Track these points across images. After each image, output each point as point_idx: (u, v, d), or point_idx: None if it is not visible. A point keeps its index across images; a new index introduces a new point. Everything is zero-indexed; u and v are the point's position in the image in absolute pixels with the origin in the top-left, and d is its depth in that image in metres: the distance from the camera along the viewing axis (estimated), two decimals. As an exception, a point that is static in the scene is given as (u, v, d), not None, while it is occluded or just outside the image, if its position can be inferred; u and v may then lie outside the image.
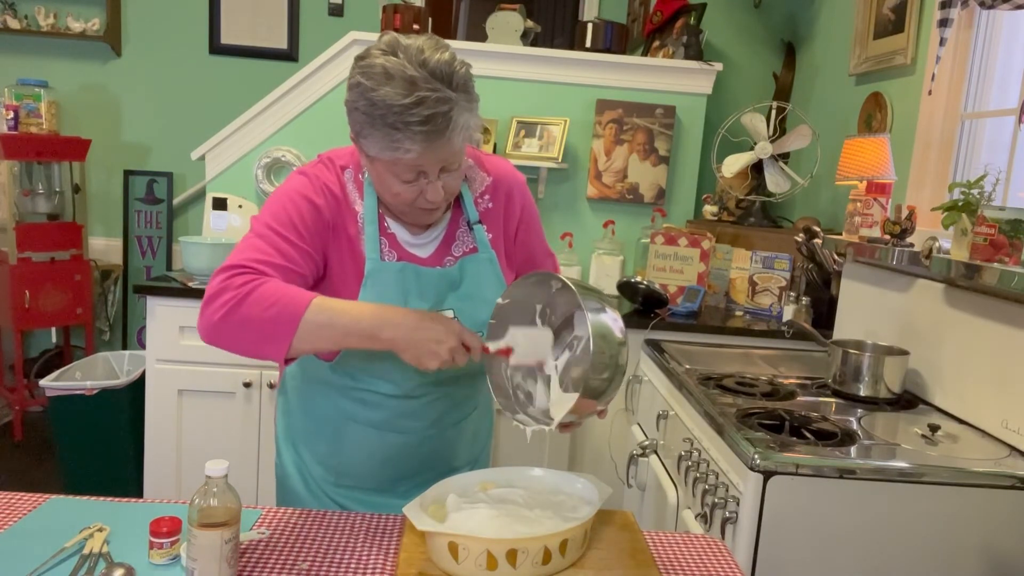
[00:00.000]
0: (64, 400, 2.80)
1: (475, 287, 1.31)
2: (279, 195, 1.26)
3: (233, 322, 1.12)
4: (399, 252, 1.30)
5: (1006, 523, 1.43)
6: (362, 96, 1.13)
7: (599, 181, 3.16)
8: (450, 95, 1.13)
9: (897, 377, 1.85)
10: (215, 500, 0.97)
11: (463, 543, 1.04)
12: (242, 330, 1.13)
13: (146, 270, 4.11)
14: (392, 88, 1.11)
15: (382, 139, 1.14)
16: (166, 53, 4.04)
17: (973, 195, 1.65)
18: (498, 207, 1.37)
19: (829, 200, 2.95)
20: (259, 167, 3.06)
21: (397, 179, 1.18)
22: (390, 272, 1.27)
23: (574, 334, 1.27)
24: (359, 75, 1.14)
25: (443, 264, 1.32)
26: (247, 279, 1.14)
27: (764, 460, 1.41)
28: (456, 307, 1.31)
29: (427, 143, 1.13)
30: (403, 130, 1.12)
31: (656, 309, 2.67)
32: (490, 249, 1.35)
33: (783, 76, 3.44)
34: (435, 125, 1.12)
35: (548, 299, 1.27)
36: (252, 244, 1.21)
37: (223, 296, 1.13)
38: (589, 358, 1.13)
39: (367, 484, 1.41)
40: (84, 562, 1.05)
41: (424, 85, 1.11)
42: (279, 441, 1.49)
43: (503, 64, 3.05)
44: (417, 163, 1.16)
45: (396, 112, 1.11)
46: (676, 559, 1.18)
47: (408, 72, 1.11)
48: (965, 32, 2.22)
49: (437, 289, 1.30)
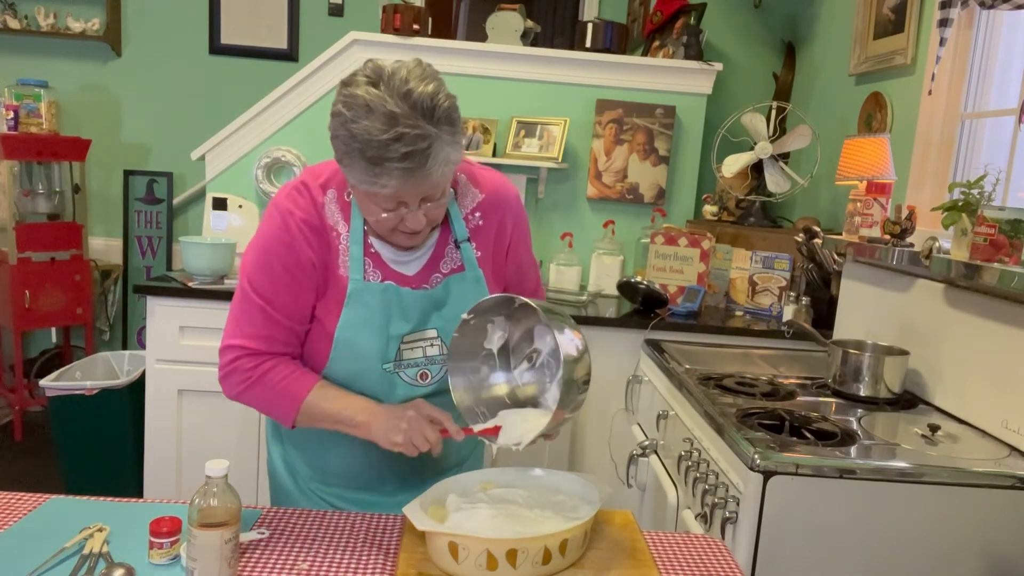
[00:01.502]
0: (64, 400, 2.80)
1: (460, 306, 1.29)
2: (257, 244, 1.29)
3: (249, 398, 1.30)
4: (383, 271, 1.29)
5: (1006, 523, 1.43)
6: (342, 126, 1.12)
7: (599, 181, 3.16)
8: (430, 131, 1.11)
9: (897, 377, 1.85)
10: (215, 500, 0.97)
11: (463, 543, 1.04)
12: (256, 404, 1.31)
13: (146, 270, 4.11)
14: (371, 122, 1.09)
15: (361, 171, 1.13)
16: (166, 53, 4.04)
17: (973, 195, 1.65)
18: (490, 224, 1.36)
19: (829, 200, 2.95)
20: (259, 167, 3.06)
21: (378, 207, 1.18)
22: (373, 293, 1.27)
23: (533, 347, 1.30)
24: (341, 104, 1.13)
25: (429, 282, 1.32)
26: (252, 364, 1.27)
27: (764, 460, 1.40)
28: (439, 327, 1.32)
29: (405, 178, 1.12)
30: (381, 164, 1.10)
31: (656, 309, 2.67)
32: (477, 268, 1.34)
33: (783, 76, 3.44)
34: (413, 161, 1.11)
35: (509, 313, 1.29)
36: (244, 313, 1.28)
37: (235, 377, 1.28)
38: (558, 378, 1.17)
39: (354, 484, 1.42)
40: (84, 562, 1.05)
41: (404, 121, 1.09)
42: (268, 438, 1.53)
43: (503, 64, 3.05)
44: (396, 196, 1.15)
45: (375, 147, 1.09)
46: (676, 559, 1.18)
47: (388, 107, 1.09)
48: (965, 32, 2.22)
49: (421, 309, 1.30)
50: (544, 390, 1.28)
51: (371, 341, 1.27)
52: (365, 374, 1.29)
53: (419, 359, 1.32)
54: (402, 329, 1.29)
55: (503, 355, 1.32)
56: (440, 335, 1.32)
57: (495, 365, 1.32)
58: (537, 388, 1.30)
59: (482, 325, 1.28)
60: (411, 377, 1.31)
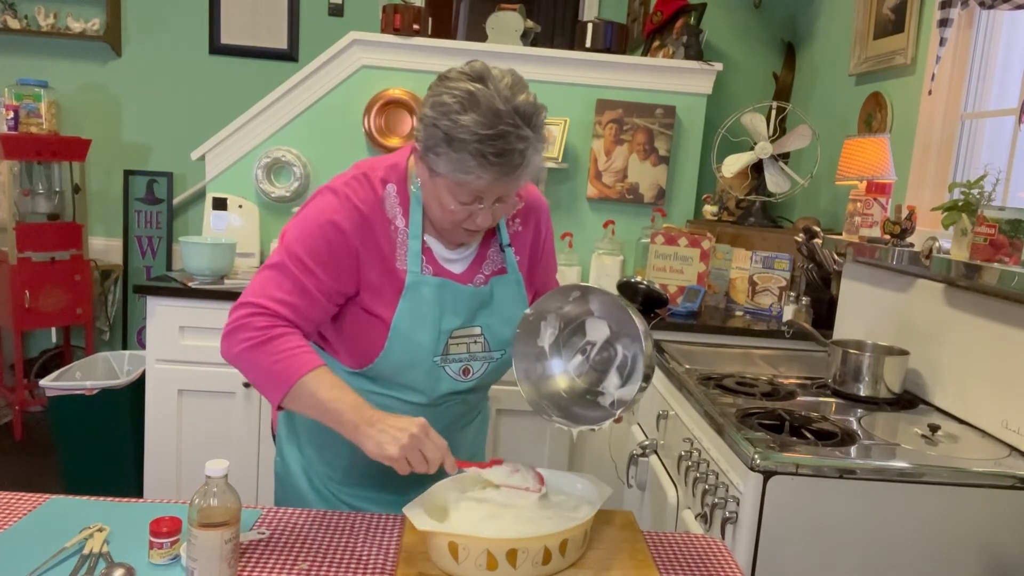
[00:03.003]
0: (64, 400, 2.80)
1: (502, 306, 1.37)
2: (306, 218, 1.28)
3: (247, 359, 1.22)
4: (435, 267, 1.33)
5: (1006, 523, 1.43)
6: (445, 116, 1.16)
7: (599, 181, 3.16)
8: (529, 135, 1.17)
9: (897, 377, 1.85)
10: (215, 500, 0.97)
11: (463, 543, 1.04)
12: (251, 368, 1.23)
13: (146, 270, 4.11)
14: (477, 115, 1.14)
15: (455, 161, 1.16)
16: (166, 53, 4.04)
17: (973, 195, 1.65)
18: (527, 231, 1.43)
19: (829, 200, 2.95)
20: (259, 167, 3.06)
21: (454, 199, 1.21)
22: (430, 287, 1.31)
23: (586, 339, 1.32)
24: (446, 94, 1.17)
25: (473, 281, 1.36)
26: (266, 323, 1.22)
27: (764, 460, 1.40)
28: (484, 324, 1.36)
29: (498, 175, 1.17)
30: (478, 158, 1.15)
31: (656, 309, 2.66)
32: (518, 271, 1.41)
33: (783, 76, 3.44)
34: (510, 160, 1.16)
35: (560, 308, 1.32)
36: (274, 278, 1.25)
37: (243, 333, 1.22)
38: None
39: (373, 483, 1.43)
40: (84, 562, 1.05)
41: (508, 120, 1.15)
42: (281, 442, 1.50)
43: (503, 64, 3.01)
44: (480, 190, 1.19)
45: (477, 140, 1.14)
46: (676, 559, 1.18)
47: (496, 104, 1.15)
48: (965, 32, 2.22)
49: (470, 306, 1.34)
50: (603, 379, 1.31)
51: (425, 334, 1.30)
52: (416, 365, 1.32)
53: (463, 355, 1.35)
54: (453, 324, 1.33)
55: (555, 350, 1.35)
56: (484, 332, 1.36)
57: (548, 360, 1.35)
58: (594, 378, 1.32)
59: (536, 322, 1.31)
60: (455, 372, 1.35)
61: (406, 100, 3.04)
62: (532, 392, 1.30)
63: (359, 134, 3.09)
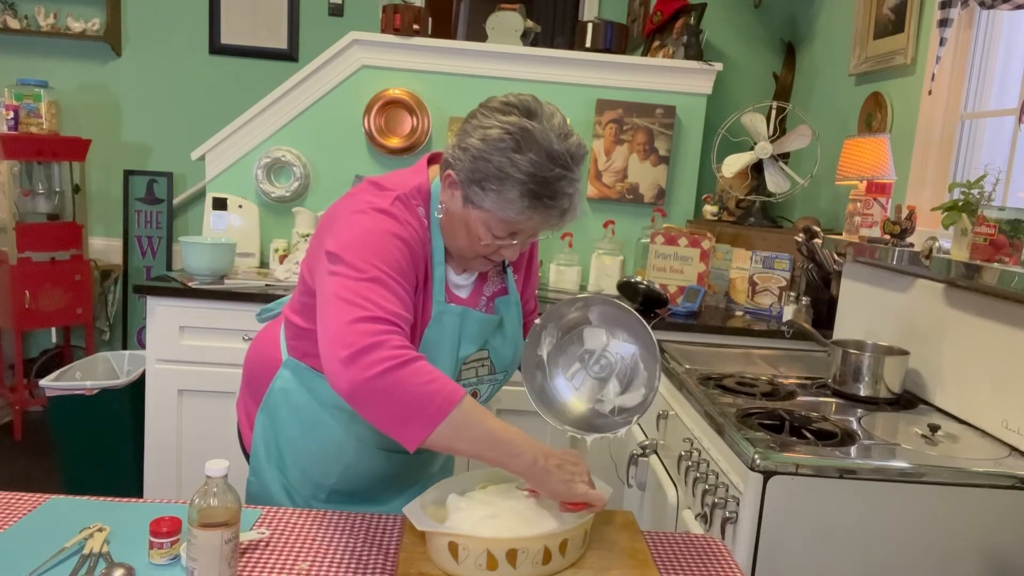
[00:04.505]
0: (64, 400, 2.80)
1: (509, 328, 1.35)
2: (374, 233, 1.15)
3: (383, 384, 1.01)
4: (447, 294, 1.29)
5: (1006, 523, 1.43)
6: (499, 152, 1.11)
7: (599, 181, 3.16)
8: (578, 178, 1.15)
9: (897, 377, 1.85)
10: (215, 500, 0.97)
11: (463, 543, 1.04)
12: (389, 396, 1.01)
13: (146, 270, 4.11)
14: (537, 156, 1.11)
15: (504, 199, 1.13)
16: (166, 53, 4.04)
17: (973, 195, 1.65)
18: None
19: (829, 200, 2.95)
20: (259, 167, 3.06)
21: (489, 232, 1.17)
22: (452, 315, 1.27)
23: (584, 348, 1.33)
24: (496, 128, 1.12)
25: (477, 304, 1.34)
26: (402, 343, 1.04)
27: (764, 460, 1.40)
28: (492, 347, 1.35)
29: (546, 216, 1.15)
30: (530, 199, 1.12)
31: (656, 309, 2.67)
32: (516, 291, 1.39)
33: (783, 76, 3.44)
34: (560, 203, 1.14)
35: (562, 316, 1.35)
36: (377, 293, 1.08)
37: (379, 352, 1.01)
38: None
39: (358, 499, 1.41)
40: (84, 562, 1.05)
41: (561, 163, 1.12)
42: (259, 461, 1.39)
43: (503, 64, 3.05)
44: (521, 227, 1.16)
45: (536, 181, 1.11)
46: (676, 559, 1.18)
47: (552, 146, 1.11)
48: (965, 32, 2.22)
49: (483, 333, 1.32)
50: (603, 387, 1.33)
51: (446, 362, 1.27)
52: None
53: (472, 379, 1.34)
54: (468, 351, 1.30)
55: (552, 359, 1.36)
56: (490, 355, 1.35)
57: (545, 370, 1.36)
58: (596, 386, 1.33)
59: (539, 332, 1.32)
60: None
61: (406, 100, 3.04)
62: (538, 402, 1.33)
63: (359, 134, 3.09)
